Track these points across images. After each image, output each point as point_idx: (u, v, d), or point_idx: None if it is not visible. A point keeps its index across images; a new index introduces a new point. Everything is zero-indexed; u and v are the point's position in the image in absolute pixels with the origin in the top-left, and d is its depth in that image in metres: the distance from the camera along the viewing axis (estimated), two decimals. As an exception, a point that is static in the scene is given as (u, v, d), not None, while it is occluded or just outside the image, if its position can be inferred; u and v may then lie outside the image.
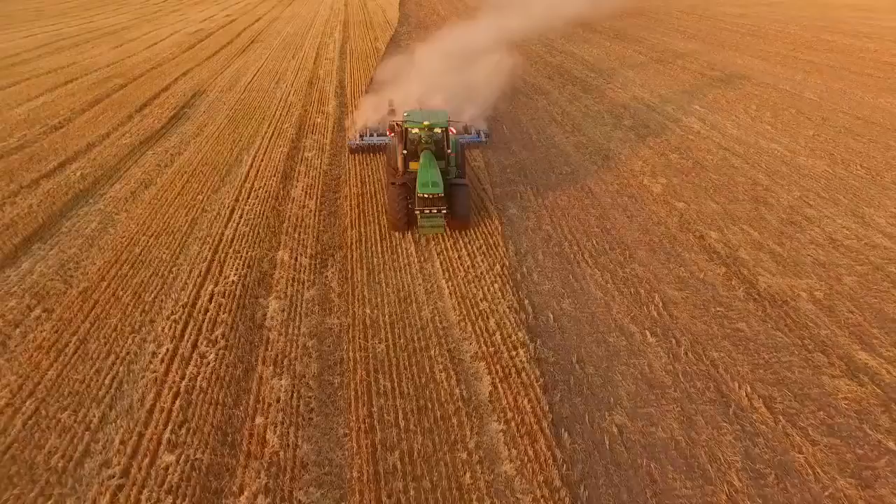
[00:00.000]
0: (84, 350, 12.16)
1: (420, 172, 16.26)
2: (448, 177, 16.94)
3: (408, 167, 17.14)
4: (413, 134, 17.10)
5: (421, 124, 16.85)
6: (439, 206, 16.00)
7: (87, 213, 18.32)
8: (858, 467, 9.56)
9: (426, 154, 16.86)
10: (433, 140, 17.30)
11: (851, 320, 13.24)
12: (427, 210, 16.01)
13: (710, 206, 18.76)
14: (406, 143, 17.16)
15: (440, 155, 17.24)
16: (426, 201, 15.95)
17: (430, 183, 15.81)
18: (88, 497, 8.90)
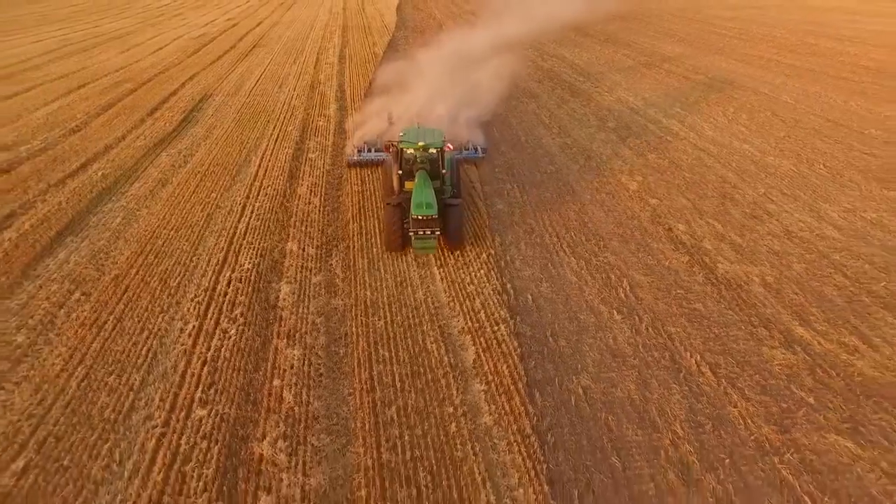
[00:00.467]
0: (121, 327, 13.99)
1: (414, 193, 16.40)
2: (443, 196, 17.28)
3: (403, 186, 17.53)
4: (408, 154, 17.42)
5: (416, 145, 17.26)
6: (433, 228, 16.20)
7: (112, 210, 20.14)
8: (781, 417, 11.43)
9: (421, 174, 17.06)
10: (428, 159, 17.50)
11: (794, 301, 15.10)
12: (421, 231, 16.20)
13: (681, 201, 20.63)
14: (401, 163, 17.56)
15: (435, 174, 17.54)
16: (420, 223, 16.11)
17: (424, 204, 16.00)
18: (138, 441, 10.73)
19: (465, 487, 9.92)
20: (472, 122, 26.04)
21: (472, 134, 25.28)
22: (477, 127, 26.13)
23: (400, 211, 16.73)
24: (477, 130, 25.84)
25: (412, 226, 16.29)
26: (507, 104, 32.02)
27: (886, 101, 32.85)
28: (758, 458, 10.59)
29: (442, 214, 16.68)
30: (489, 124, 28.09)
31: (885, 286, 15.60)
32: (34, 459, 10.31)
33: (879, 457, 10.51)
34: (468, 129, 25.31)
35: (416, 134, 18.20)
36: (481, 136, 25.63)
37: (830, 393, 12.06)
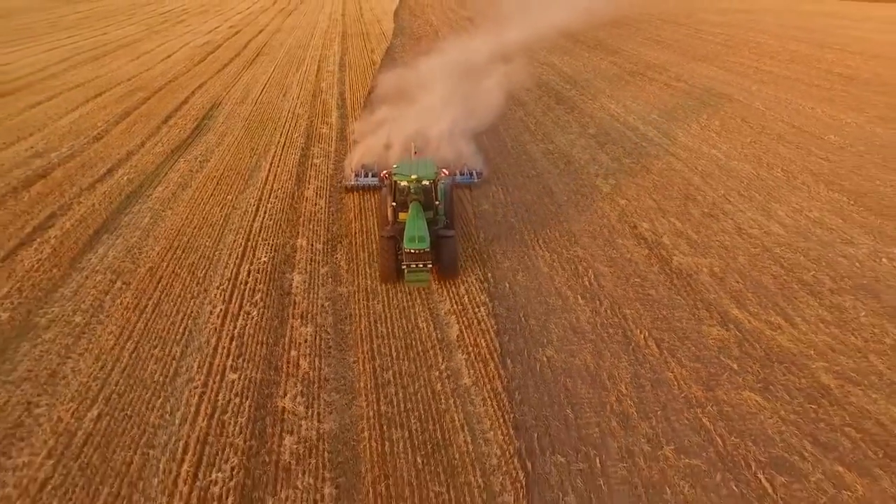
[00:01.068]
0: (159, 310, 16.66)
1: (407, 226, 16.89)
2: (436, 226, 17.84)
3: (397, 217, 18.11)
4: (402, 185, 17.92)
5: (409, 177, 17.82)
6: (425, 261, 16.70)
7: (140, 211, 22.81)
8: (707, 379, 14.09)
9: (415, 205, 17.61)
10: (422, 190, 17.98)
11: (735, 288, 17.78)
12: (413, 264, 16.66)
13: (648, 202, 23.32)
14: (395, 195, 18.09)
15: (429, 205, 18.06)
16: (412, 256, 16.57)
17: (416, 238, 16.48)
18: (183, 397, 13.40)
19: (447, 431, 12.59)
20: (467, 134, 27.70)
21: (469, 151, 26.10)
22: (472, 141, 27.25)
23: (394, 243, 17.16)
24: (473, 148, 26.64)
25: (405, 259, 16.72)
26: (497, 111, 34.64)
27: (850, 108, 35.58)
28: (685, 410, 13.25)
29: (435, 246, 17.13)
30: (479, 131, 30.66)
31: (814, 275, 18.29)
32: (104, 409, 12.98)
33: (780, 407, 13.18)
34: (465, 143, 26.21)
35: (410, 166, 18.74)
36: (479, 157, 26.37)
37: (751, 361, 14.73)
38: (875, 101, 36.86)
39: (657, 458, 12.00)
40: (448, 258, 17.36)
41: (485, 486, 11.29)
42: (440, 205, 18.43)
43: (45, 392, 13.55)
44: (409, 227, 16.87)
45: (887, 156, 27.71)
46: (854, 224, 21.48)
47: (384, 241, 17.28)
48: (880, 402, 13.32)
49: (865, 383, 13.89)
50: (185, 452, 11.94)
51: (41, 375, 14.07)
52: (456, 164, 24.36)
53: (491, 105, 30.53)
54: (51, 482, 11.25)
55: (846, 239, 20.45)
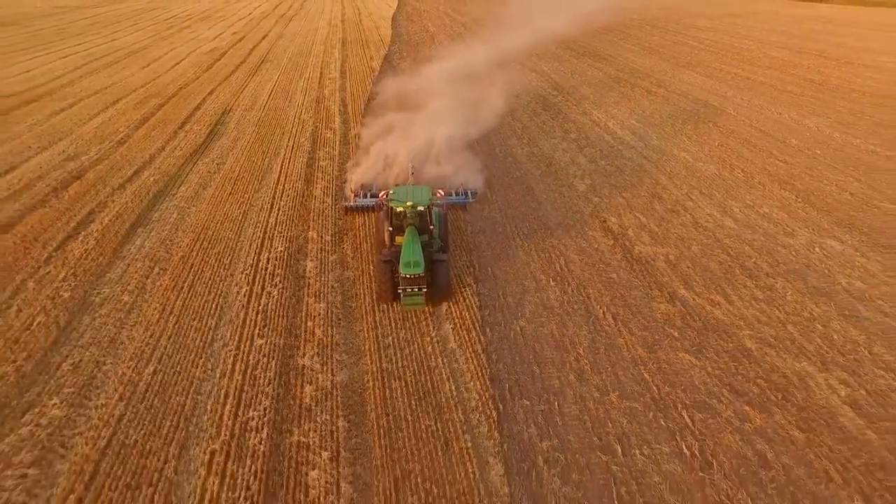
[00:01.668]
0: (194, 290, 19.85)
1: (403, 251, 17.94)
2: (431, 249, 18.96)
3: (393, 241, 19.15)
4: (398, 210, 18.98)
5: (404, 203, 18.89)
6: (420, 285, 17.88)
7: (167, 208, 26.00)
8: (652, 344, 17.27)
9: (410, 230, 18.66)
10: (416, 215, 19.03)
11: (685, 272, 20.98)
12: (409, 288, 17.85)
13: (618, 199, 26.55)
14: (391, 219, 19.13)
15: (423, 229, 19.12)
16: (408, 280, 17.71)
17: (412, 263, 17.59)
18: (221, 358, 16.58)
19: (436, 382, 15.78)
20: (461, 145, 29.88)
21: (465, 163, 27.49)
22: (467, 151, 29.06)
23: (390, 266, 18.24)
24: (470, 165, 27.68)
25: (401, 283, 17.86)
26: (490, 120, 37.86)
27: (815, 113, 38.91)
28: (630, 367, 16.43)
29: (430, 268, 18.29)
30: (472, 139, 33.84)
31: (755, 262, 21.50)
32: (158, 367, 16.17)
33: (707, 364, 16.38)
34: (461, 157, 27.74)
35: (405, 192, 19.84)
36: (477, 179, 27.20)
37: (690, 330, 17.93)
38: (838, 107, 40.17)
39: (604, 402, 15.19)
40: (441, 281, 18.66)
41: (465, 420, 14.48)
42: (434, 229, 19.45)
43: (108, 353, 16.75)
44: (405, 252, 17.94)
45: (838, 158, 30.98)
46: (797, 218, 24.71)
47: (381, 265, 18.47)
48: (788, 360, 16.54)
49: (780, 347, 17.10)
50: (227, 398, 15.13)
51: (103, 341, 17.27)
52: (451, 184, 25.86)
53: (484, 114, 33.63)
54: (125, 417, 14.44)
55: (788, 231, 23.68)
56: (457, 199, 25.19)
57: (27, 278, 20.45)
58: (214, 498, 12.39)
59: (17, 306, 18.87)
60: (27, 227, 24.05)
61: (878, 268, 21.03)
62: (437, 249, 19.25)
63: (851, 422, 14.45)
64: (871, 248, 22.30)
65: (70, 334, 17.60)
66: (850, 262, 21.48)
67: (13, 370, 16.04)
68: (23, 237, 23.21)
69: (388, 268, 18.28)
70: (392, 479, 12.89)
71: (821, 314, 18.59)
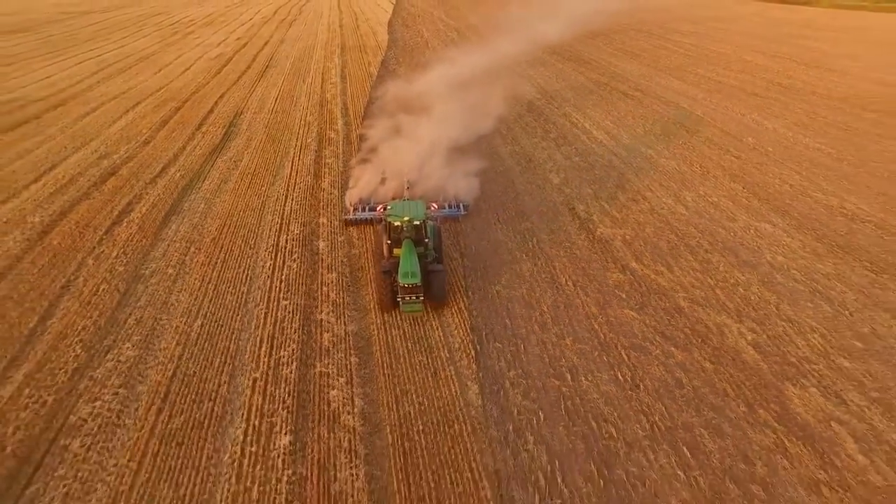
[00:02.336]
0: (226, 265, 24.09)
1: (401, 262, 19.82)
2: (426, 260, 20.89)
3: (392, 253, 21.09)
4: (395, 225, 20.88)
5: (402, 218, 20.81)
6: (417, 293, 19.81)
7: (195, 199, 30.23)
8: (603, 303, 21.54)
9: (407, 243, 20.53)
10: (413, 228, 20.93)
11: (638, 249, 25.28)
12: (407, 297, 19.79)
13: (587, 190, 30.86)
14: (390, 233, 21.07)
15: (419, 241, 20.95)
16: (406, 289, 19.65)
17: (409, 273, 19.50)
18: (254, 314, 20.82)
19: (427, 331, 20.01)
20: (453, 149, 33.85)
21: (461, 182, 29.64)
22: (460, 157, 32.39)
23: (390, 276, 20.17)
24: (464, 180, 29.82)
25: (400, 292, 19.77)
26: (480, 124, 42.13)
27: (774, 115, 43.30)
28: (584, 320, 20.69)
29: (426, 278, 20.13)
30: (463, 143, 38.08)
31: (697, 241, 25.81)
32: (204, 322, 20.39)
33: (647, 318, 20.66)
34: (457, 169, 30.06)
35: (402, 207, 21.75)
36: (470, 192, 29.36)
37: (636, 293, 22.22)
38: (797, 109, 44.60)
39: (560, 344, 19.47)
40: (437, 289, 20.59)
41: (450, 356, 18.76)
42: (429, 241, 21.42)
43: (162, 312, 21.00)
44: (402, 263, 19.80)
45: (786, 155, 35.36)
46: (740, 206, 29.05)
47: (381, 276, 20.31)
48: (712, 314, 20.84)
49: (706, 305, 21.41)
50: (262, 342, 19.38)
51: (157, 303, 21.52)
52: (445, 197, 28.26)
53: (474, 119, 37.89)
54: (183, 356, 18.69)
55: (730, 216, 28.02)
56: (450, 212, 27.41)
57: (86, 256, 24.69)
58: (258, 408, 16.65)
59: (82, 278, 23.12)
60: (78, 215, 28.28)
61: (798, 245, 25.39)
62: (432, 260, 21.30)
63: (751, 357, 18.78)
64: (797, 230, 26.65)
65: (129, 298, 21.85)
66: (778, 241, 25.82)
67: (91, 324, 20.30)
68: (76, 223, 27.45)
69: (387, 278, 20.21)
70: (393, 395, 17.17)
71: (744, 281, 22.91)
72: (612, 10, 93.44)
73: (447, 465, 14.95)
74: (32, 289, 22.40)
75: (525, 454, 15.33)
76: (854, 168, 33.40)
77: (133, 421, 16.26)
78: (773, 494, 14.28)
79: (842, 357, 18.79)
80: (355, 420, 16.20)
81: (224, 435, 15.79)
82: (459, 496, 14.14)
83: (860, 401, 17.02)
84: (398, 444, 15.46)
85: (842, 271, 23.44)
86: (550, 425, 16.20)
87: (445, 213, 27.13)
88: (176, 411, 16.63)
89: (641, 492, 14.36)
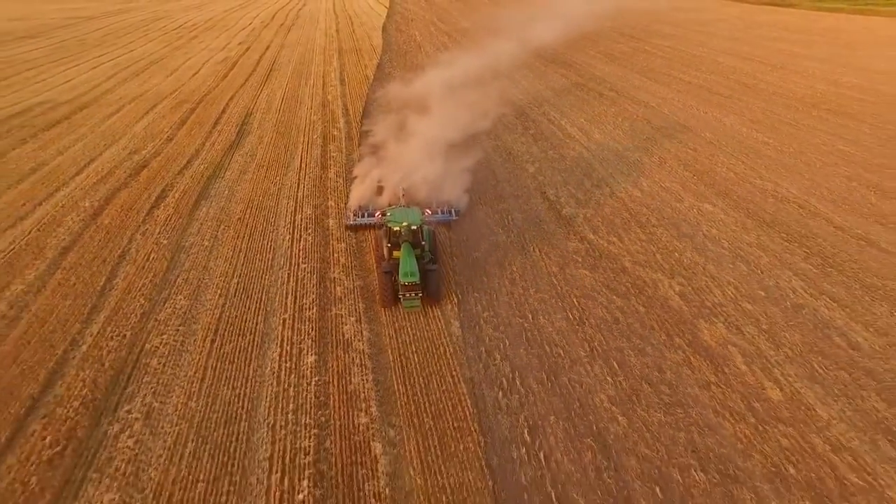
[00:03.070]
0: (252, 239, 29.41)
1: (401, 263, 22.30)
2: (423, 261, 23.31)
3: (391, 255, 23.73)
4: (395, 229, 23.59)
5: (400, 223, 23.58)
6: (416, 291, 22.35)
7: (220, 187, 35.54)
8: (563, 265, 26.94)
9: (406, 245, 23.04)
10: (410, 232, 23.56)
11: (595, 224, 30.68)
12: (408, 294, 22.37)
13: (557, 177, 36.30)
14: (389, 237, 23.74)
15: (416, 244, 23.50)
16: (406, 287, 22.18)
17: (409, 273, 21.99)
18: (280, 275, 26.12)
19: (419, 286, 25.43)
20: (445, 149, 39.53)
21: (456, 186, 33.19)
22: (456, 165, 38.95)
23: (390, 276, 22.84)
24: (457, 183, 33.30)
25: (400, 290, 22.33)
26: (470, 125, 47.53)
27: (733, 112, 48.81)
28: (545, 277, 26.06)
29: (423, 277, 22.68)
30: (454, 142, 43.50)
31: (647, 218, 31.23)
32: (239, 280, 25.68)
33: (598, 276, 26.06)
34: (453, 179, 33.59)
35: (400, 213, 24.59)
36: (462, 199, 32.54)
37: (589, 257, 27.61)
38: (755, 108, 50.10)
39: (525, 295, 24.83)
40: (433, 287, 23.36)
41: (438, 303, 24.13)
42: (426, 244, 24.00)
43: (204, 274, 26.30)
44: (402, 264, 22.29)
45: (737, 148, 40.83)
46: (689, 190, 34.50)
47: (383, 276, 23.01)
48: (650, 273, 26.20)
49: (646, 266, 26.80)
50: (287, 294, 24.68)
51: (199, 267, 26.82)
52: (438, 203, 31.26)
53: (463, 117, 43.13)
54: (226, 304, 24.00)
55: (678, 198, 33.45)
56: (442, 217, 30.24)
57: (134, 232, 30.01)
58: (289, 339, 21.96)
59: (134, 248, 28.44)
60: (121, 200, 33.59)
61: (731, 221, 30.82)
62: (427, 261, 23.82)
63: (676, 303, 24.17)
64: (733, 209, 32.08)
65: (175, 263, 27.16)
66: (715, 218, 31.25)
67: (148, 282, 25.62)
68: (121, 207, 32.78)
69: (388, 277, 22.96)
70: (393, 329, 22.52)
71: (680, 248, 28.32)
72: (600, 14, 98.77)
73: (434, 374, 20.30)
74: (96, 257, 27.70)
75: (493, 367, 20.69)
76: (792, 159, 38.89)
77: (194, 347, 21.57)
78: (676, 392, 19.65)
79: (746, 302, 24.19)
80: (364, 345, 21.56)
81: (264, 356, 21.12)
82: (443, 393, 19.48)
83: (753, 332, 22.42)
84: (398, 360, 20.81)
85: (762, 241, 28.88)
86: (513, 348, 21.57)
87: (439, 217, 30.18)
88: (225, 341, 21.94)
89: (579, 391, 19.71)
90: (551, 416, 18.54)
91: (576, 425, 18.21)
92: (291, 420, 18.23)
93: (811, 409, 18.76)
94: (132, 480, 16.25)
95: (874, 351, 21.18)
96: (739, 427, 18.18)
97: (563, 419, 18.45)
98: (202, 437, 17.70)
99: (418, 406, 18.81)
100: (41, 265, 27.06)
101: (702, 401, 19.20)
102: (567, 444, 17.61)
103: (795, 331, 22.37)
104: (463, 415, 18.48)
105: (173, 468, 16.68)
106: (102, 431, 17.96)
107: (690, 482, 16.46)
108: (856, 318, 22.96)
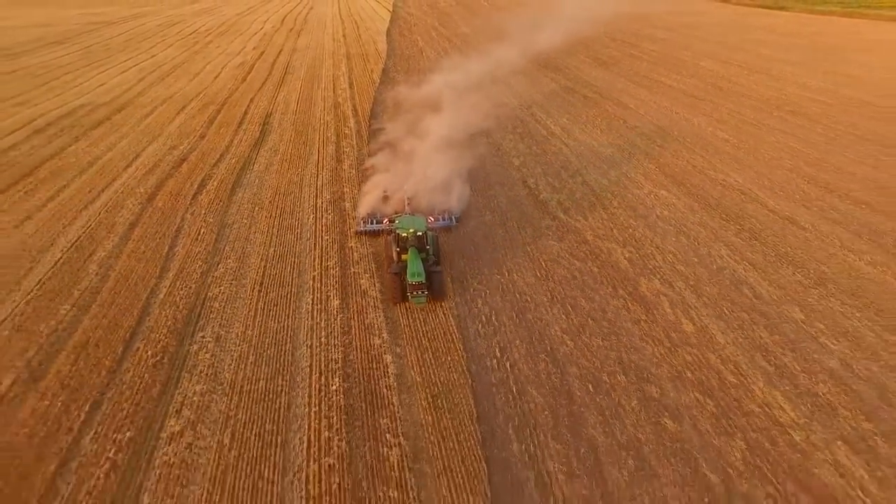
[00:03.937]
0: (282, 218, 36.39)
1: (409, 265, 25.81)
2: (428, 263, 26.88)
3: (399, 258, 27.22)
4: (402, 235, 26.97)
5: (407, 230, 26.95)
6: (423, 289, 25.64)
7: (250, 177, 42.58)
8: (535, 238, 33.79)
9: (412, 250, 26.45)
10: (416, 238, 26.83)
11: (567, 206, 37.55)
12: (415, 292, 25.80)
13: (537, 169, 43.21)
14: (397, 242, 27.19)
15: (421, 248, 26.87)
16: (414, 287, 25.55)
17: (416, 273, 25.43)
18: (307, 245, 33.13)
19: (419, 253, 32.44)
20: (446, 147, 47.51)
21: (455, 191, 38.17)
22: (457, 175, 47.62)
23: (399, 277, 26.54)
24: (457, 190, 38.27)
25: (409, 289, 25.93)
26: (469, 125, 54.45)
27: (703, 113, 55.59)
28: (521, 246, 32.88)
29: (428, 278, 26.14)
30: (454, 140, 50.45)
31: (610, 202, 38.10)
32: (275, 249, 32.59)
33: (563, 246, 32.89)
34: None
35: (406, 221, 28.02)
36: (459, 206, 37.01)
37: (558, 231, 34.46)
38: (724, 109, 56.84)
39: (503, 257, 31.60)
40: (437, 286, 26.86)
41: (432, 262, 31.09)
42: (430, 248, 27.68)
43: (246, 244, 33.29)
44: (410, 266, 26.10)
45: (698, 144, 47.66)
46: (650, 180, 41.37)
47: (393, 277, 26.82)
48: (606, 244, 33.06)
49: (604, 238, 33.65)
50: (315, 258, 31.59)
51: (241, 239, 33.81)
52: (439, 211, 35.27)
53: (461, 118, 50.15)
54: (267, 265, 30.91)
55: (639, 186, 40.32)
56: (442, 223, 34.25)
57: (184, 213, 37.09)
58: (318, 289, 28.88)
59: (187, 225, 35.49)
60: (169, 187, 40.69)
61: (682, 205, 37.66)
62: (431, 263, 27.63)
63: (624, 265, 30.99)
64: (685, 196, 38.93)
65: (222, 236, 34.19)
66: (668, 202, 38.11)
67: (202, 250, 32.65)
68: (170, 193, 39.88)
69: (397, 278, 26.70)
70: (398, 283, 29.49)
71: (635, 225, 35.18)
72: (594, 19, 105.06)
73: (430, 312, 27.17)
74: (157, 231, 34.77)
75: (476, 309, 27.55)
76: (746, 154, 45.65)
77: (245, 295, 28.55)
78: (613, 326, 26.45)
79: (681, 265, 31.00)
80: (376, 293, 28.47)
81: (301, 301, 28.07)
82: (437, 325, 26.34)
83: (682, 286, 29.23)
84: (402, 304, 27.76)
85: (704, 220, 35.70)
86: (491, 296, 28.43)
87: (441, 224, 34.31)
88: (269, 290, 28.90)
89: (539, 325, 26.54)
90: (517, 341, 25.40)
91: (534, 346, 25.07)
92: (324, 342, 25.17)
93: (713, 337, 25.56)
94: (213, 377, 23.24)
95: (772, 299, 27.96)
96: (657, 349, 24.99)
97: (526, 343, 25.31)
98: (259, 353, 24.66)
99: (418, 333, 25.72)
100: (115, 238, 34.13)
101: (632, 332, 26.01)
102: (527, 358, 24.46)
103: (715, 285, 29.16)
104: (451, 339, 25.37)
105: (240, 372, 23.64)
106: (185, 350, 24.94)
107: (615, 382, 23.26)
108: (765, 277, 29.75)
